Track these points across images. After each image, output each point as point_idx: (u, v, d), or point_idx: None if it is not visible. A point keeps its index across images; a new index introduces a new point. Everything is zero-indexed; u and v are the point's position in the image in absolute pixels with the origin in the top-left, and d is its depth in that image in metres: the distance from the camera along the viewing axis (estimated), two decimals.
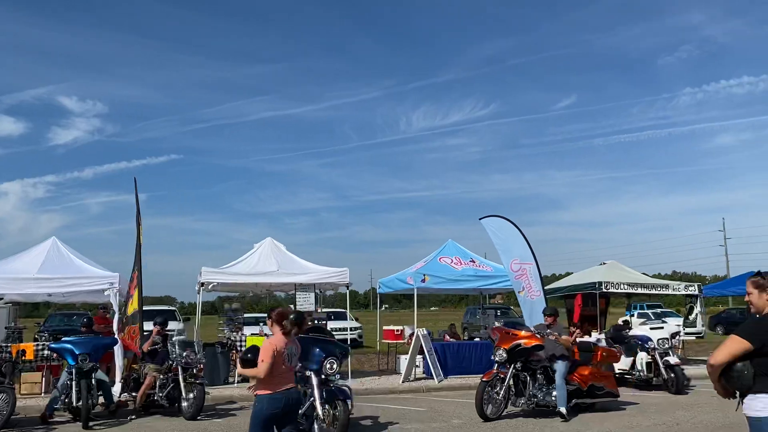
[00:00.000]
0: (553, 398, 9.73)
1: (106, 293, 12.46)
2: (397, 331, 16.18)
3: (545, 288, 18.80)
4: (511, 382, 9.73)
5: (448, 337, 16.98)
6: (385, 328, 16.58)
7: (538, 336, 9.94)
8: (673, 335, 13.51)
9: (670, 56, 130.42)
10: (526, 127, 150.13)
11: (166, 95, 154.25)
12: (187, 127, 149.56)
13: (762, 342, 3.72)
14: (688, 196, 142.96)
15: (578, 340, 17.52)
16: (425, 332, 14.85)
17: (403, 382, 14.10)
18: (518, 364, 9.78)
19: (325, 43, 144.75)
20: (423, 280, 15.40)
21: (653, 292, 17.07)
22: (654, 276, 26.70)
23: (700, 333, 23.70)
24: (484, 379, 9.62)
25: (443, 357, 15.02)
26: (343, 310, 22.37)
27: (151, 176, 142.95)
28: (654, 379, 12.73)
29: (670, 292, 17.47)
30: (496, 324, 12.66)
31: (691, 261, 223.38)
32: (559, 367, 9.83)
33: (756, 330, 3.82)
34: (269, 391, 5.35)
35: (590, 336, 16.66)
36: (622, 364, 13.43)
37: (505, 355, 9.69)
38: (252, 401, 5.63)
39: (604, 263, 18.63)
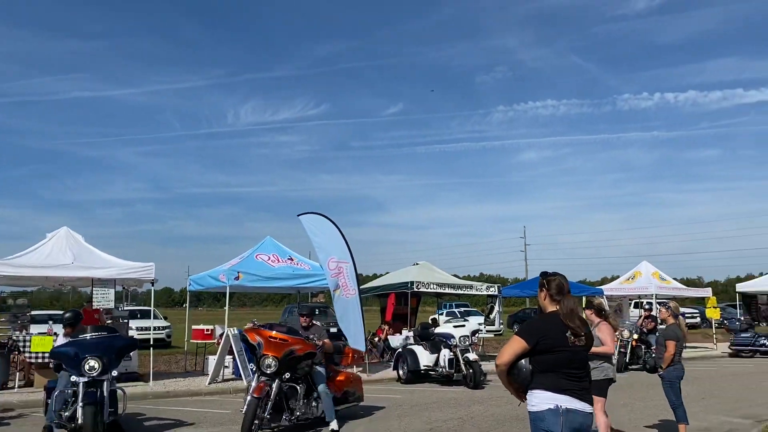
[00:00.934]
0: (317, 410, 8.54)
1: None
2: (207, 330, 15.47)
3: (361, 287, 19.10)
4: (278, 398, 8.13)
5: None
6: (194, 327, 15.78)
7: (309, 342, 8.58)
8: (474, 333, 14.35)
9: (487, 75, 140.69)
10: (356, 130, 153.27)
11: None
12: None
13: (536, 340, 3.87)
14: (497, 205, 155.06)
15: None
16: (236, 332, 14.31)
17: (209, 383, 13.47)
18: (286, 376, 8.14)
19: (152, 24, 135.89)
20: (237, 278, 14.85)
21: (460, 292, 18.08)
22: (464, 277, 28.54)
23: (498, 331, 25.59)
24: (255, 395, 7.82)
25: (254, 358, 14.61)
26: (150, 309, 20.93)
27: None
28: (455, 374, 13.42)
29: (474, 292, 18.63)
30: (252, 324, 10.59)
31: (496, 264, 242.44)
32: (320, 374, 8.66)
33: (531, 329, 4.01)
34: None
35: (401, 334, 17.26)
36: (427, 360, 14.02)
37: (275, 364, 7.98)
38: (33, 408, 4.92)
39: (417, 264, 19.39)
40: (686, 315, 35.44)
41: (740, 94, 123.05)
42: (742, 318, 23.57)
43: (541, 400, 3.88)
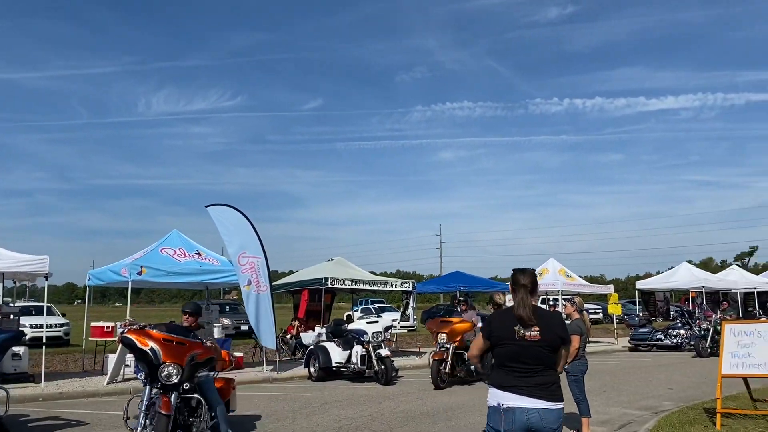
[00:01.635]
0: (208, 424, 7.11)
1: None
2: (108, 327, 14.61)
3: (273, 284, 18.69)
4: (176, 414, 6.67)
5: None
6: (93, 324, 14.85)
7: (209, 346, 7.21)
8: (387, 329, 14.29)
9: (406, 75, 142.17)
10: (274, 124, 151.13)
11: None
12: None
13: (488, 334, 3.94)
14: (414, 203, 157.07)
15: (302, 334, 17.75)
16: (120, 330, 13.59)
17: (108, 383, 12.72)
18: (185, 386, 6.67)
19: (57, 4, 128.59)
20: (140, 273, 14.12)
21: (374, 288, 17.99)
22: (381, 274, 28.62)
23: (413, 326, 25.80)
24: (164, 412, 6.32)
25: None
26: (47, 305, 19.61)
27: None
28: (367, 371, 13.30)
29: (389, 288, 18.58)
30: (127, 324, 9.06)
31: (412, 261, 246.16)
32: (210, 381, 7.49)
33: (486, 323, 4.06)
34: None
35: (314, 331, 16.98)
36: (339, 357, 13.83)
37: (178, 373, 6.49)
38: None
39: (332, 260, 19.17)
40: (589, 311, 37.05)
41: (642, 102, 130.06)
42: (641, 314, 24.77)
43: (490, 396, 3.86)
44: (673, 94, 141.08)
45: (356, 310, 31.61)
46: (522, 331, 3.76)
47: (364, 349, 13.39)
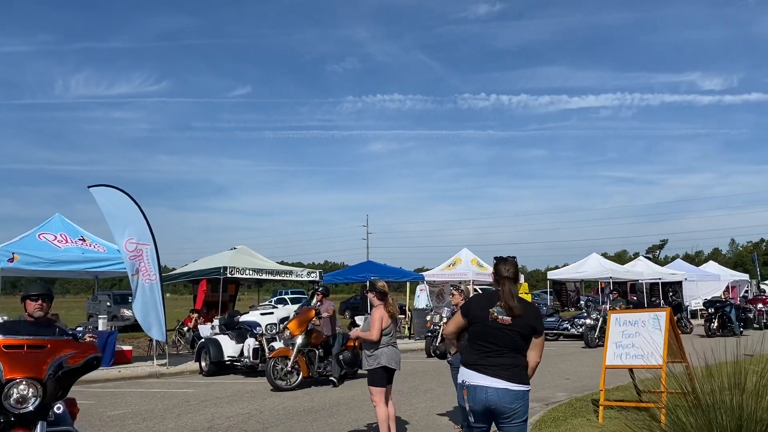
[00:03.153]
0: None
1: None
2: None
3: (170, 273, 17.66)
4: None
5: None
6: None
7: (86, 343, 4.99)
8: (282, 321, 13.54)
9: (337, 65, 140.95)
10: (199, 111, 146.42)
11: None
12: None
13: (466, 312, 4.14)
14: (343, 194, 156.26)
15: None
16: (2, 320, 12.36)
17: None
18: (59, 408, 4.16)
19: None
20: (11, 260, 12.85)
21: (278, 278, 17.22)
22: (308, 265, 27.77)
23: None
24: None
25: None
26: None
27: None
28: (260, 365, 12.58)
29: (294, 278, 17.86)
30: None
31: (341, 251, 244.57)
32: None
33: (466, 305, 4.25)
34: None
35: (212, 322, 16.06)
36: (232, 350, 13.05)
37: (36, 394, 3.82)
38: None
39: (235, 248, 18.24)
40: None
41: (565, 100, 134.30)
42: (550, 304, 25.08)
43: (459, 373, 4.12)
44: (594, 93, 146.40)
45: (270, 302, 30.74)
46: (495, 314, 3.94)
47: (257, 342, 12.65)
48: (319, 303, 12.07)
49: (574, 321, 21.36)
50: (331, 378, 11.00)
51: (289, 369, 10.95)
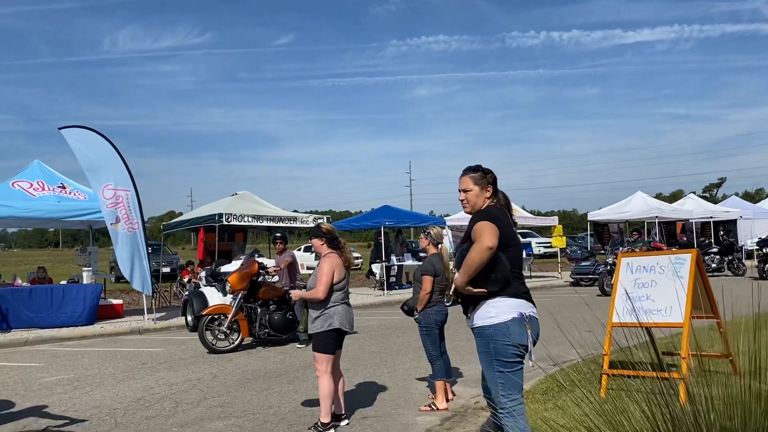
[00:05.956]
0: None
1: None
2: None
3: (172, 222, 16.73)
4: None
5: (20, 281, 13.77)
6: None
7: None
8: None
9: (380, 7, 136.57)
10: (244, 62, 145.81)
11: None
12: None
13: (501, 229, 3.38)
14: (388, 142, 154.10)
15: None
16: None
17: None
18: None
19: None
20: None
21: (280, 225, 15.94)
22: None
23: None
24: None
25: (7, 306, 11.99)
26: None
27: None
28: None
29: (298, 225, 16.58)
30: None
31: (383, 200, 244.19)
32: None
33: (493, 217, 3.43)
34: None
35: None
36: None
37: None
38: None
39: (236, 194, 17.02)
40: (541, 244, 35.65)
41: (619, 35, 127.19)
42: (585, 248, 23.25)
43: (502, 309, 3.38)
44: (650, 26, 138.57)
45: (255, 250, 29.67)
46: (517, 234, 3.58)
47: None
48: (278, 252, 10.73)
49: (612, 265, 19.54)
50: (300, 338, 9.93)
51: (225, 329, 9.53)
